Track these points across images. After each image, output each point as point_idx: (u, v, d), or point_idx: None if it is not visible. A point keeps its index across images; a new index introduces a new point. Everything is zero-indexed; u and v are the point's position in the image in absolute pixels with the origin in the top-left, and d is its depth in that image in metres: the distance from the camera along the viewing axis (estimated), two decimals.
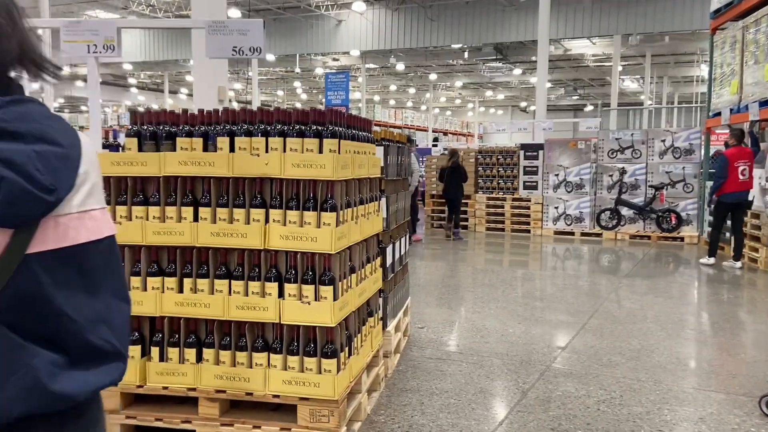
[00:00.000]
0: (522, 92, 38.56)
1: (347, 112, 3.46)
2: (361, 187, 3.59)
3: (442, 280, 7.56)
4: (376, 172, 3.90)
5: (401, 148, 4.67)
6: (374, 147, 3.93)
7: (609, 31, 21.41)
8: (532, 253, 10.42)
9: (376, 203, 3.91)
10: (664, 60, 29.77)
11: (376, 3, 22.45)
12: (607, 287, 7.23)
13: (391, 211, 4.35)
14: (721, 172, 8.25)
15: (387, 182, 4.28)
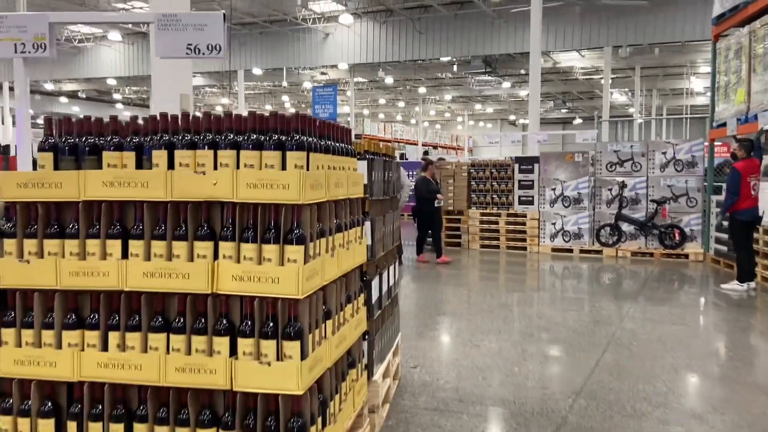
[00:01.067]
0: (511, 105, 38.15)
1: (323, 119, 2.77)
2: (338, 211, 2.89)
3: (436, 306, 6.85)
4: (357, 191, 3.20)
5: (389, 161, 3.98)
6: (355, 161, 3.23)
7: (599, 44, 20.96)
8: (531, 273, 9.74)
9: (358, 229, 3.21)
10: (653, 72, 29.43)
11: (363, 16, 21.92)
12: (617, 313, 6.55)
13: (378, 237, 3.65)
14: (734, 188, 7.54)
15: (372, 203, 3.58)
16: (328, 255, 2.66)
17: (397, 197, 4.45)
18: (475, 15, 20.91)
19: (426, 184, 9.98)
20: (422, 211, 10.11)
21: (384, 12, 21.68)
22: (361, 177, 3.32)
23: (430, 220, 10.08)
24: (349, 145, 3.19)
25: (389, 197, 4.06)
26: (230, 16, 21.60)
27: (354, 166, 3.23)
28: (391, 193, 4.12)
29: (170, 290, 2.40)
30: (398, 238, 4.50)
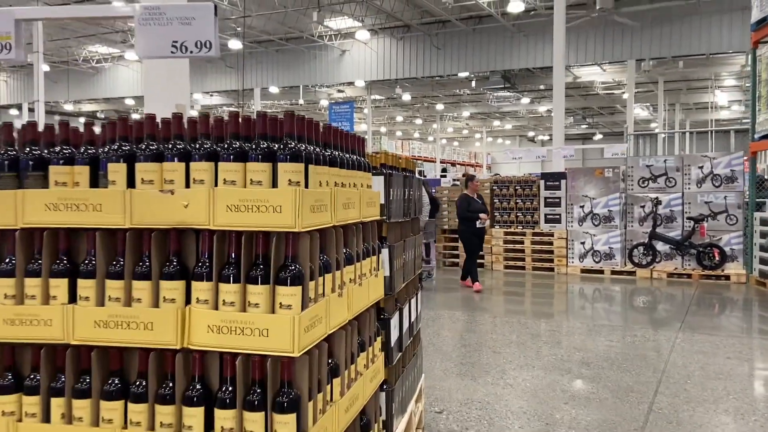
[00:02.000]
0: (530, 121, 37.52)
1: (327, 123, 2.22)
2: (348, 238, 2.32)
3: (461, 337, 6.22)
4: (373, 212, 2.63)
5: (409, 177, 3.41)
6: (369, 176, 2.67)
7: (622, 57, 20.34)
8: (560, 296, 9.06)
9: (373, 259, 2.64)
10: (676, 86, 28.68)
11: (380, 32, 21.54)
12: (663, 344, 5.86)
13: (397, 266, 3.06)
14: None
15: (390, 226, 3.01)
16: (335, 295, 2.08)
17: (418, 218, 3.87)
18: (494, 29, 20.42)
19: (467, 203, 8.95)
20: (465, 233, 9.06)
21: (401, 28, 21.29)
22: (377, 195, 2.75)
23: (473, 242, 9.03)
24: (362, 156, 2.63)
25: (410, 218, 3.48)
26: (246, 34, 21.36)
27: (368, 183, 2.67)
28: (412, 213, 3.54)
29: (129, 344, 1.84)
30: (420, 264, 3.91)
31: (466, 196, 9.00)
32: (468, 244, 9.06)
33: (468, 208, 8.86)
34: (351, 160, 2.42)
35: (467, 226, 8.91)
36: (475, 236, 8.98)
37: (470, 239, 9.01)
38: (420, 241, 3.86)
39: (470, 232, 8.92)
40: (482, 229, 9.00)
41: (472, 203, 8.91)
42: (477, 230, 8.93)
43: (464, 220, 8.93)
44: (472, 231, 8.90)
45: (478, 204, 9.02)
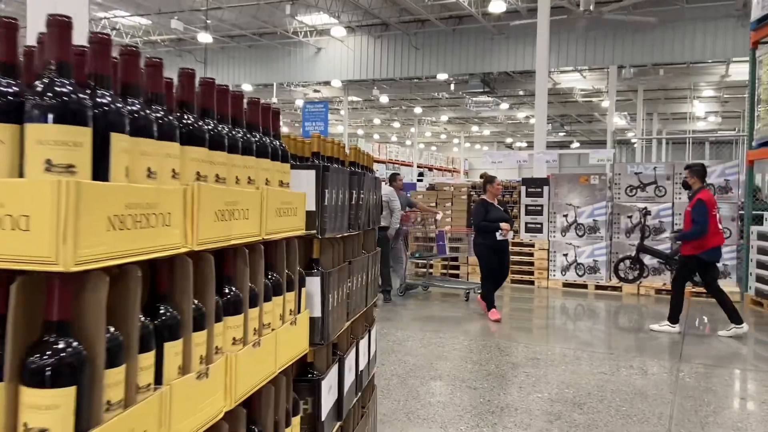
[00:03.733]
0: (508, 128, 36.94)
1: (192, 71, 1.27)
2: (232, 268, 1.37)
3: (429, 365, 5.28)
4: (290, 224, 1.68)
5: (360, 175, 2.46)
6: (286, 169, 1.72)
7: (604, 62, 19.72)
8: (541, 315, 8.19)
9: (289, 297, 1.69)
10: (655, 96, 28.28)
11: (357, 30, 20.61)
12: (664, 379, 5.00)
13: (337, 300, 2.11)
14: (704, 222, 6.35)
15: (325, 244, 2.06)
16: (189, 378, 1.12)
17: (374, 230, 2.93)
18: (474, 30, 19.63)
19: (484, 210, 7.10)
20: (480, 247, 7.15)
21: (379, 26, 20.38)
22: (302, 199, 1.80)
23: (490, 260, 7.12)
24: (273, 138, 1.68)
25: (361, 231, 2.53)
26: (217, 28, 20.27)
27: (283, 179, 1.71)
28: (364, 224, 2.59)
29: None
30: (376, 288, 2.96)
31: (483, 202, 7.21)
32: (484, 262, 7.20)
33: (485, 217, 7.06)
34: (249, 141, 1.47)
35: (484, 238, 7.06)
36: (493, 252, 7.07)
37: (487, 256, 7.10)
38: (377, 259, 2.91)
39: (487, 247, 7.05)
40: (503, 243, 7.12)
41: (490, 210, 7.10)
42: (496, 244, 7.03)
43: (481, 232, 7.11)
44: (490, 245, 7.03)
45: (499, 212, 7.19)
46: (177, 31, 19.86)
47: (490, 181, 7.32)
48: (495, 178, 7.38)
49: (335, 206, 2.07)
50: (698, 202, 6.40)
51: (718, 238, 6.47)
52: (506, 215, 7.28)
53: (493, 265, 7.16)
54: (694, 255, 6.48)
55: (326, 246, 2.06)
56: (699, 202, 6.39)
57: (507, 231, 7.04)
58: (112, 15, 19.56)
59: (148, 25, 20.66)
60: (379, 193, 2.92)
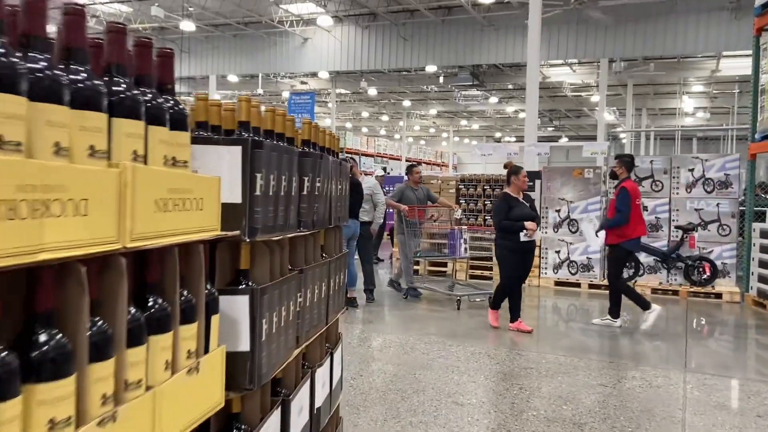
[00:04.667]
0: (497, 122, 36.46)
1: None
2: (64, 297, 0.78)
3: (413, 376, 4.73)
4: (190, 223, 1.10)
5: (319, 159, 1.88)
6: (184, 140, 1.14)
7: (595, 55, 19.23)
8: (533, 316, 7.65)
9: (188, 330, 1.11)
10: (644, 90, 27.86)
11: (344, 20, 19.95)
12: (671, 392, 4.48)
13: (276, 326, 1.54)
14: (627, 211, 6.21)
15: (257, 249, 1.48)
16: None
17: (339, 227, 2.36)
18: (464, 21, 19.04)
19: (507, 205, 6.07)
20: (501, 249, 6.19)
21: (367, 16, 19.75)
22: (210, 186, 1.23)
23: (511, 263, 6.15)
24: (157, 91, 1.10)
25: (318, 230, 1.96)
26: (200, 16, 19.56)
27: (178, 154, 1.14)
28: (326, 221, 2.02)
29: None
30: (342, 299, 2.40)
31: (506, 197, 6.17)
32: (505, 266, 6.22)
33: (508, 214, 6.04)
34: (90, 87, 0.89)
35: (507, 239, 6.08)
36: (515, 254, 6.08)
37: (507, 258, 6.14)
38: (343, 263, 2.34)
39: (509, 249, 6.08)
40: (528, 244, 6.08)
41: (514, 207, 6.07)
42: (520, 246, 6.02)
43: (502, 231, 6.12)
44: (512, 247, 6.05)
45: (524, 208, 6.12)
46: (159, 19, 19.13)
47: (515, 172, 6.25)
48: (521, 169, 6.29)
49: (274, 197, 1.50)
50: (622, 191, 6.29)
51: (641, 228, 6.37)
52: (533, 212, 6.23)
53: (514, 269, 6.17)
54: (617, 244, 6.32)
55: (260, 252, 1.49)
56: (623, 191, 6.28)
57: (533, 231, 5.99)
58: (92, 1, 18.78)
59: (129, 12, 19.89)
60: (346, 183, 2.35)
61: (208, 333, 1.22)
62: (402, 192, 7.96)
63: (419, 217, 7.81)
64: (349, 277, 7.03)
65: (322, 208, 1.94)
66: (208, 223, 1.19)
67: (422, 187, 8.19)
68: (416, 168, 8.20)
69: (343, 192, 2.27)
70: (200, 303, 1.17)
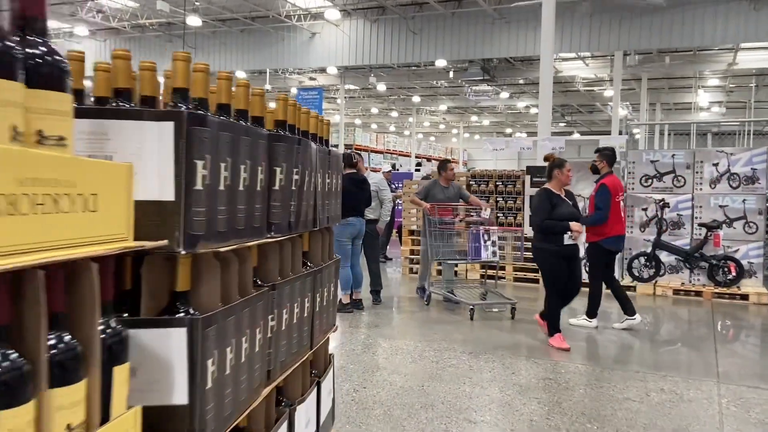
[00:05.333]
0: (508, 117, 35.91)
1: None
2: None
3: (421, 389, 4.33)
4: (71, 230, 0.70)
5: (296, 145, 1.49)
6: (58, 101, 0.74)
7: (609, 48, 18.65)
8: None
9: (71, 394, 0.71)
10: (658, 84, 27.23)
11: (353, 13, 19.53)
12: (704, 406, 4.05)
13: (231, 365, 1.15)
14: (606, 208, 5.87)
15: (203, 263, 1.09)
16: None
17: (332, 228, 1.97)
18: (474, 14, 18.55)
19: (549, 203, 5.32)
20: (543, 253, 5.42)
21: (375, 9, 19.32)
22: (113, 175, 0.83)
23: (554, 269, 5.41)
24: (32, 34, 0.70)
25: (297, 233, 1.57)
26: (207, 11, 19.24)
27: (56, 131, 0.74)
28: (309, 222, 1.63)
29: None
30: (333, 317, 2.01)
31: (547, 193, 5.39)
32: (548, 271, 5.49)
33: (552, 211, 5.30)
34: None
35: (548, 241, 5.34)
36: (557, 260, 5.36)
37: (550, 263, 5.40)
38: (333, 272, 1.95)
39: (551, 253, 5.35)
40: (572, 249, 5.37)
41: (558, 205, 5.34)
42: (563, 250, 5.33)
43: (543, 233, 5.38)
44: (554, 251, 5.33)
45: (568, 206, 5.40)
46: (165, 14, 18.82)
47: (559, 166, 5.43)
48: (565, 162, 5.50)
49: (227, 193, 1.11)
50: (601, 187, 5.97)
51: (619, 227, 6.03)
52: (577, 212, 5.52)
53: (560, 275, 5.40)
54: (596, 242, 5.96)
55: (207, 267, 1.09)
56: (602, 187, 5.96)
57: (579, 233, 5.28)
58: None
59: (135, 8, 19.59)
60: (338, 176, 1.96)
61: (110, 390, 0.83)
62: (428, 190, 7.25)
63: (444, 216, 7.08)
64: (354, 278, 6.65)
65: (303, 207, 1.54)
66: (108, 230, 0.80)
67: (454, 184, 7.45)
68: (450, 164, 7.41)
69: (334, 187, 1.87)
70: (92, 349, 0.78)
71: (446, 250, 7.09)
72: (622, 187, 6.24)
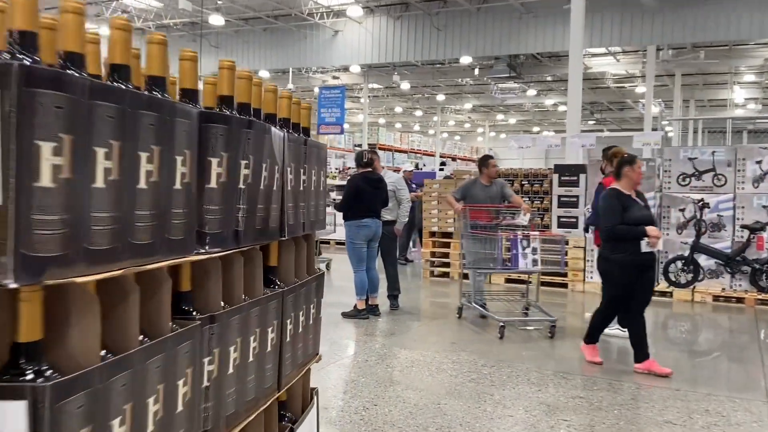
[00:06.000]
0: (535, 116, 35.20)
1: None
2: None
3: (437, 405, 3.94)
4: None
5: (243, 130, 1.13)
6: None
7: (642, 42, 17.94)
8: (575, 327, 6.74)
9: None
10: (692, 81, 26.31)
11: (375, 10, 19.18)
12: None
13: None
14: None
15: (73, 299, 0.72)
16: None
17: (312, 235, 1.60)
18: (501, 9, 18.04)
19: (619, 204, 4.54)
20: (611, 264, 4.63)
21: (399, 6, 18.93)
22: None
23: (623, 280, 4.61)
24: None
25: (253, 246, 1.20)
26: (230, 10, 19.09)
27: None
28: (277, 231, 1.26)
29: None
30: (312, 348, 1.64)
31: (618, 194, 4.59)
32: (614, 284, 4.70)
33: (624, 216, 4.51)
34: None
35: (619, 249, 4.56)
36: (630, 270, 4.57)
37: (619, 276, 4.62)
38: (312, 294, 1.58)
39: (622, 264, 4.57)
40: (649, 257, 4.65)
41: (630, 207, 4.55)
42: (638, 259, 4.55)
43: (615, 240, 4.58)
44: (627, 261, 4.55)
45: (641, 208, 4.62)
46: (188, 13, 18.72)
47: (629, 162, 4.66)
48: (636, 158, 4.75)
49: (110, 191, 0.75)
50: (599, 187, 5.66)
51: None
52: (651, 215, 4.74)
53: (630, 288, 4.61)
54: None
55: (77, 304, 0.73)
56: (600, 186, 5.63)
57: (657, 238, 4.50)
58: None
59: (159, 8, 19.55)
60: (320, 173, 1.59)
61: None
62: (467, 189, 6.46)
63: (481, 219, 6.22)
64: (369, 282, 6.28)
65: (261, 211, 1.17)
66: None
67: (497, 182, 6.57)
68: (492, 159, 6.60)
69: (315, 185, 1.50)
70: None
71: (479, 258, 6.25)
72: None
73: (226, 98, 1.10)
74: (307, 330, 1.51)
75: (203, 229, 0.99)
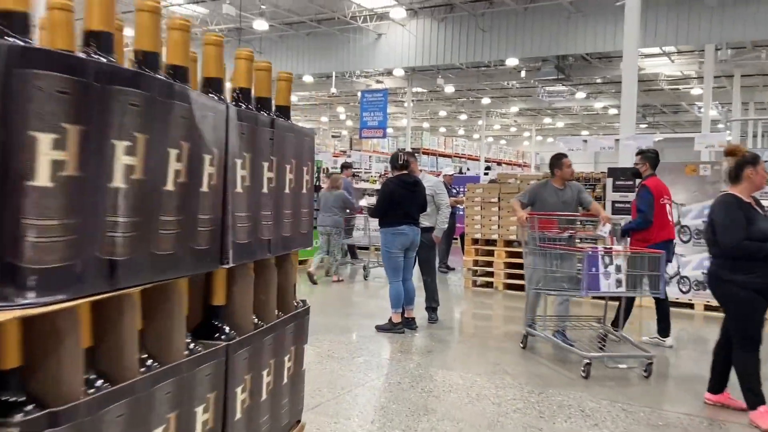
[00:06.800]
0: (584, 119, 34.03)
1: None
2: None
3: None
4: None
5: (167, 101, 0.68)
6: None
7: (699, 41, 16.91)
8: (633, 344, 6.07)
9: None
10: (752, 82, 24.84)
11: (419, 12, 18.73)
12: None
13: None
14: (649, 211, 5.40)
15: None
16: None
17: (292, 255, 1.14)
18: (549, 9, 17.31)
19: (740, 215, 3.71)
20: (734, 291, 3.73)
21: (443, 7, 18.43)
22: None
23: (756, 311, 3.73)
24: None
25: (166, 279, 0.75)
26: (273, 15, 18.98)
27: None
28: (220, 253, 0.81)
29: None
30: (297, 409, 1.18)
31: (738, 202, 3.78)
32: (741, 316, 3.77)
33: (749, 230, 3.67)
34: None
35: (745, 270, 3.68)
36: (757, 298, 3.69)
37: (746, 304, 3.72)
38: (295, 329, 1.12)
39: (748, 290, 3.68)
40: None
41: (754, 219, 3.72)
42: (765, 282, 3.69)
43: (735, 259, 3.72)
44: (756, 284, 3.67)
45: (765, 220, 3.77)
46: (233, 18, 18.69)
47: (752, 162, 3.83)
48: (759, 158, 3.91)
49: None
50: (642, 189, 5.54)
51: (666, 232, 5.50)
52: None
53: (760, 320, 3.76)
54: None
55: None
56: (643, 189, 5.52)
57: None
58: (168, 4, 18.60)
59: (205, 14, 19.61)
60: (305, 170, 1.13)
61: None
62: (536, 193, 5.45)
63: (549, 230, 5.28)
64: (405, 294, 5.81)
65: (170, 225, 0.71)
66: None
67: (573, 185, 5.58)
68: (566, 158, 5.51)
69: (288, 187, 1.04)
70: None
71: (549, 277, 5.19)
72: (666, 189, 5.65)
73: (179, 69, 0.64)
74: (281, 393, 1.05)
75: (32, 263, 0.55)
